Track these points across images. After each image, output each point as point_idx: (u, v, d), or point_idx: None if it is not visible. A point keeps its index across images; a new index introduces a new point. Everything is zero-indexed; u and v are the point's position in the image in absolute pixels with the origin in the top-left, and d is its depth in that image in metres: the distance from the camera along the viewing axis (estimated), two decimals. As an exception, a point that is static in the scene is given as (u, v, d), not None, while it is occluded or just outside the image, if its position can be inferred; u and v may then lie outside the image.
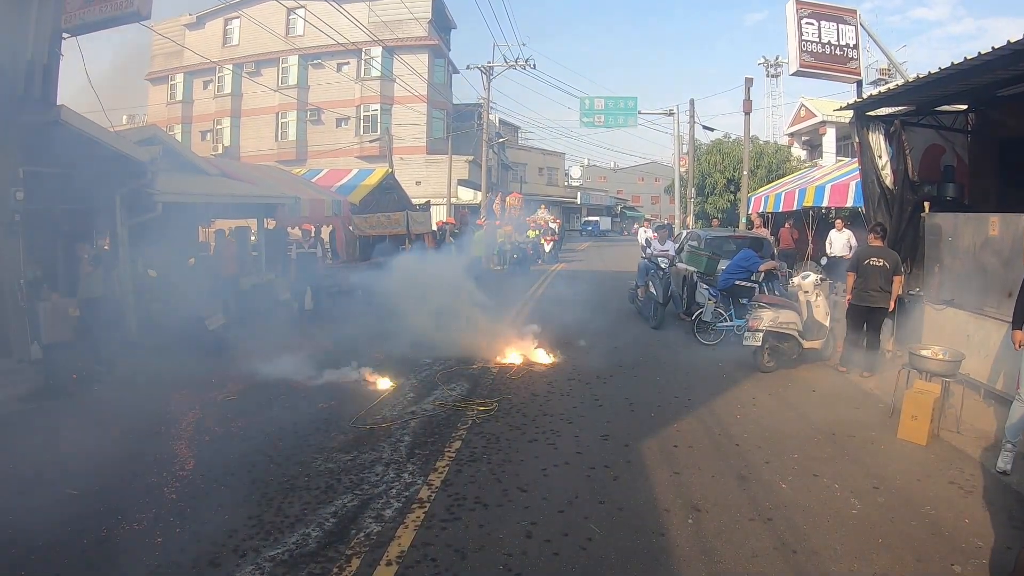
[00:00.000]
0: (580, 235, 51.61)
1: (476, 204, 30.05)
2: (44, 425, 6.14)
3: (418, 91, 31.02)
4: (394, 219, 16.37)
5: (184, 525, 4.05)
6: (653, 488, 4.66)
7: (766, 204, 17.80)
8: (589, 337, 9.70)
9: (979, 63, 6.14)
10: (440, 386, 7.31)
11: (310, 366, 7.73)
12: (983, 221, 6.98)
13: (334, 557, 3.68)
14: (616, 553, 3.75)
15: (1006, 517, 4.18)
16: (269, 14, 30.02)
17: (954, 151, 8.95)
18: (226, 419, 6.21)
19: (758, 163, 26.09)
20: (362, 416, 6.23)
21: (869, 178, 8.70)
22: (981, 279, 6.94)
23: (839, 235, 13.23)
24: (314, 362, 7.85)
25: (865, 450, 5.42)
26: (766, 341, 7.92)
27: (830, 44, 14.75)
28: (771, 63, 35.43)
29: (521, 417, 6.22)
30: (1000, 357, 6.34)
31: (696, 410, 6.53)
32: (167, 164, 10.12)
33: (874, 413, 6.46)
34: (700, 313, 9.76)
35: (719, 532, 3.99)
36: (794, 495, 4.52)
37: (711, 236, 12.76)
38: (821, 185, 14.19)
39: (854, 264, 7.83)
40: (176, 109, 37.34)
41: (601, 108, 29.03)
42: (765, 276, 9.28)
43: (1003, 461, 4.92)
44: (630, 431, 5.84)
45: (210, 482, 4.73)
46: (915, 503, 4.40)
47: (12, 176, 7.62)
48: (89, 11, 9.38)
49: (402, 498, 4.45)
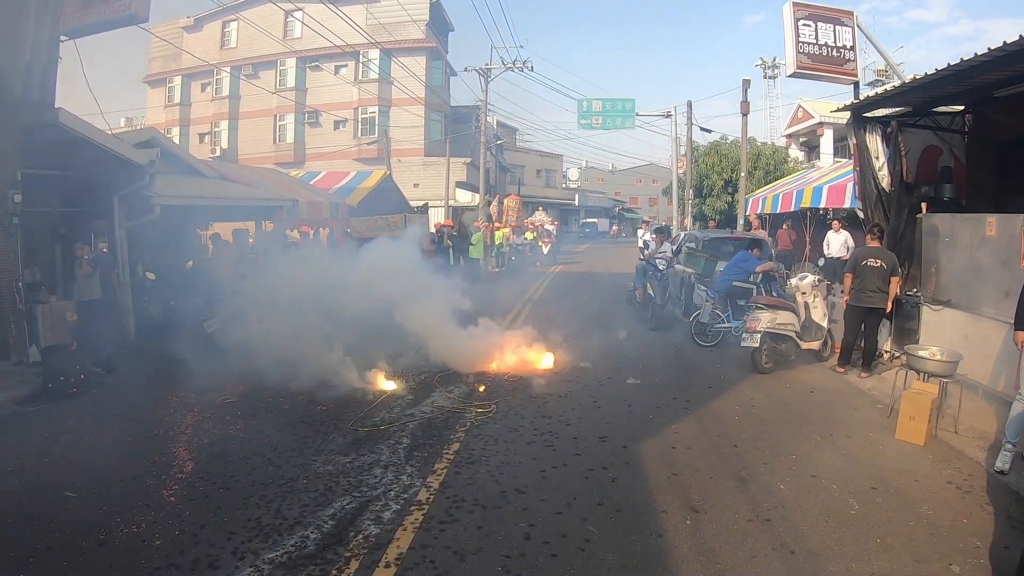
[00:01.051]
0: (578, 236, 51.61)
1: (474, 206, 30.04)
2: (42, 427, 6.13)
3: (416, 93, 31.05)
4: (392, 221, 16.38)
5: (183, 527, 4.04)
6: (651, 489, 4.67)
7: (764, 205, 17.82)
8: (587, 339, 9.70)
9: (976, 64, 6.16)
10: (438, 389, 7.31)
11: (308, 369, 7.70)
12: (980, 222, 7.00)
13: (333, 559, 3.68)
14: (614, 554, 3.75)
15: (1004, 517, 4.19)
16: (267, 17, 30.04)
17: (951, 152, 8.97)
18: (224, 421, 6.21)
19: (756, 164, 26.09)
20: (361, 418, 6.22)
21: (866, 179, 8.71)
22: (978, 280, 6.95)
23: (836, 236, 13.27)
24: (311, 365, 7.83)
25: (863, 451, 5.43)
26: (764, 342, 7.94)
27: (827, 46, 14.79)
28: (768, 65, 35.63)
29: (519, 419, 6.22)
30: (998, 357, 6.35)
31: (694, 411, 6.53)
32: (165, 167, 10.13)
33: (872, 414, 6.47)
34: (698, 315, 9.77)
35: (717, 533, 4.00)
36: (792, 496, 4.53)
37: (709, 238, 12.78)
38: (819, 186, 14.22)
39: (852, 265, 7.85)
40: (174, 111, 37.33)
41: (599, 110, 29.06)
42: (763, 277, 9.30)
43: (1001, 461, 4.93)
44: (628, 433, 5.85)
45: (208, 484, 4.72)
46: (913, 503, 4.41)
47: (10, 179, 7.62)
48: (87, 14, 9.42)
49: (400, 500, 4.44)
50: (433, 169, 32.80)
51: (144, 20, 9.59)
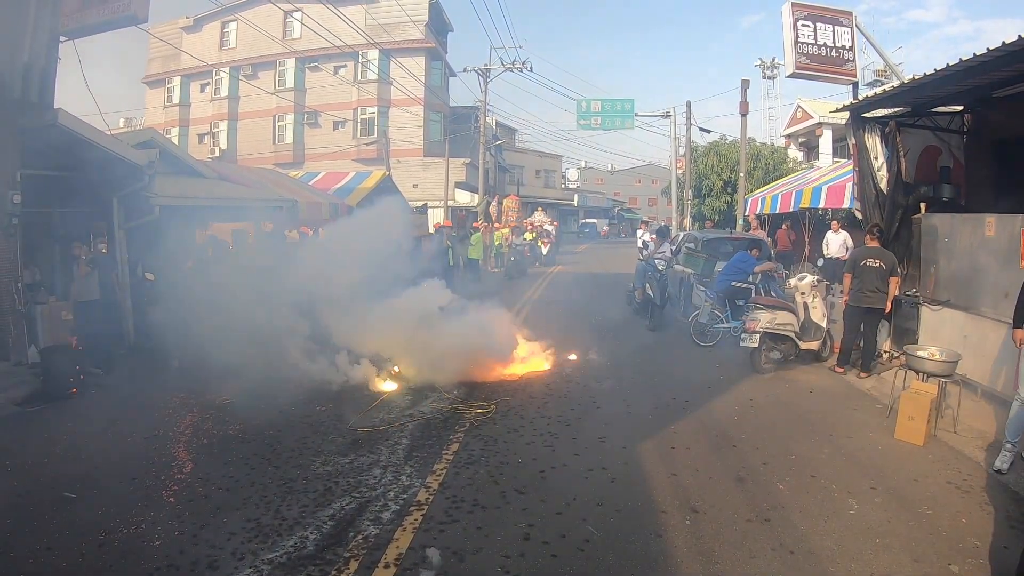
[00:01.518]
0: (577, 236, 51.60)
1: (473, 206, 30.03)
2: (41, 428, 6.13)
3: (415, 94, 31.02)
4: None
5: (182, 528, 4.04)
6: (651, 490, 4.67)
7: (763, 206, 17.82)
8: (586, 339, 9.70)
9: (975, 64, 6.15)
10: (437, 389, 7.30)
11: (311, 368, 7.71)
12: (979, 222, 7.01)
13: (332, 560, 3.68)
14: (614, 555, 3.76)
15: (1003, 517, 4.20)
16: (266, 17, 30.01)
17: (950, 152, 8.98)
18: (223, 422, 6.20)
19: (755, 164, 26.10)
20: (360, 418, 6.22)
21: (865, 179, 8.72)
22: (977, 280, 6.96)
23: (835, 236, 13.27)
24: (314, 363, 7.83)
25: (862, 451, 5.43)
26: (763, 342, 7.94)
27: (826, 46, 14.81)
28: (767, 65, 35.56)
29: (518, 419, 6.22)
30: (997, 357, 6.36)
31: (693, 412, 6.53)
32: (164, 167, 10.13)
33: (871, 414, 6.48)
34: (696, 315, 9.77)
35: (717, 533, 4.00)
36: (791, 496, 4.53)
37: (708, 238, 12.78)
38: (818, 186, 14.21)
39: (851, 265, 7.85)
40: (173, 112, 37.27)
41: (598, 110, 29.05)
42: (762, 278, 9.30)
43: (1000, 461, 4.94)
44: (627, 433, 5.85)
45: (208, 485, 4.72)
46: (912, 503, 4.42)
47: (9, 179, 7.61)
48: (87, 14, 9.41)
49: (400, 501, 4.44)
50: (432, 169, 32.77)
51: (143, 21, 9.56)
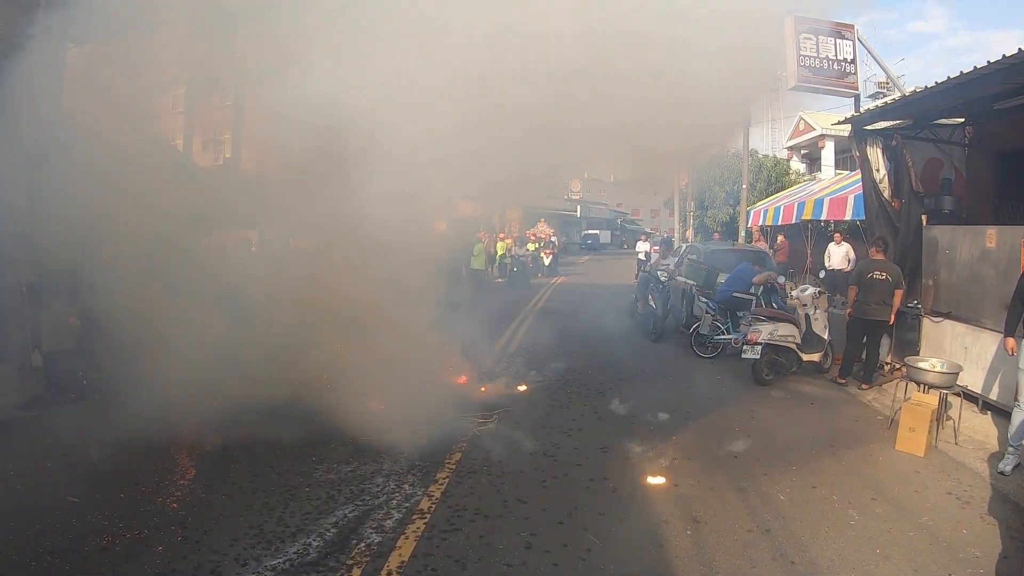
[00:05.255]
0: (580, 248, 51.64)
1: (477, 217, 30.02)
2: (45, 433, 6.13)
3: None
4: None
5: (185, 534, 4.06)
6: (652, 500, 4.68)
7: (765, 217, 17.89)
8: (588, 350, 9.72)
9: (976, 77, 6.20)
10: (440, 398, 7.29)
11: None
12: (980, 233, 7.03)
13: (335, 567, 3.69)
14: (615, 564, 3.76)
15: (1004, 527, 4.20)
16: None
17: (952, 164, 9.01)
18: (227, 428, 6.20)
19: (757, 176, 26.18)
20: (362, 427, 6.22)
21: (868, 191, 8.75)
22: (979, 291, 6.98)
23: (837, 248, 13.29)
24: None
25: (863, 461, 5.44)
26: (764, 354, 7.94)
27: (828, 59, 14.91)
28: (770, 77, 35.60)
29: (521, 429, 6.22)
30: (998, 368, 6.37)
31: (694, 422, 6.54)
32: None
33: (872, 425, 6.48)
34: (698, 326, 9.76)
35: (718, 544, 4.01)
36: (792, 506, 4.54)
37: (710, 249, 12.81)
38: (820, 198, 14.29)
39: (857, 277, 7.82)
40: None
41: (601, 121, 29.09)
42: (764, 289, 9.30)
43: (1004, 463, 5.03)
44: (629, 443, 5.85)
45: (211, 491, 4.74)
46: (913, 514, 4.42)
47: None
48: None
49: (403, 509, 4.46)
50: (436, 179, 32.82)
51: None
